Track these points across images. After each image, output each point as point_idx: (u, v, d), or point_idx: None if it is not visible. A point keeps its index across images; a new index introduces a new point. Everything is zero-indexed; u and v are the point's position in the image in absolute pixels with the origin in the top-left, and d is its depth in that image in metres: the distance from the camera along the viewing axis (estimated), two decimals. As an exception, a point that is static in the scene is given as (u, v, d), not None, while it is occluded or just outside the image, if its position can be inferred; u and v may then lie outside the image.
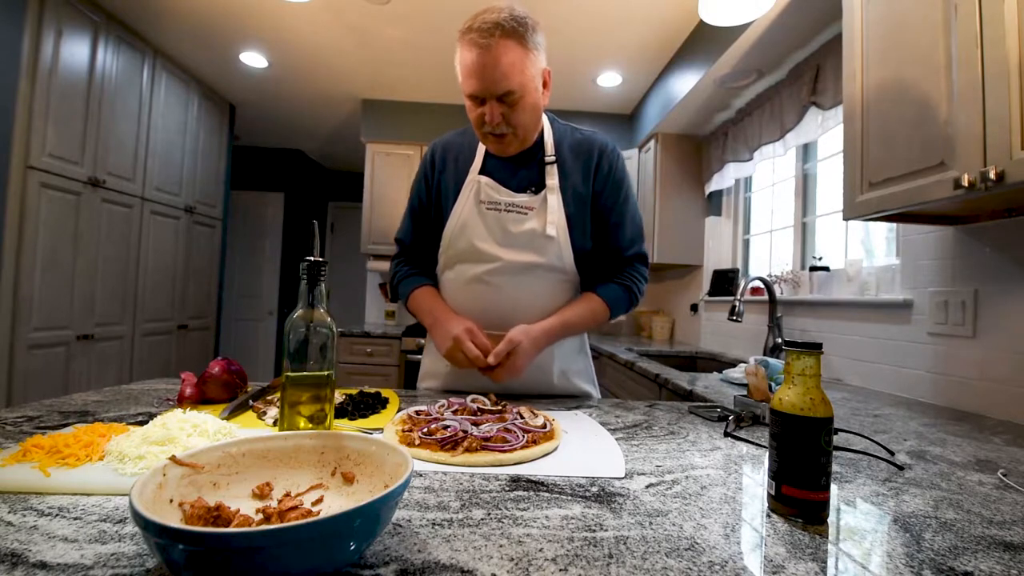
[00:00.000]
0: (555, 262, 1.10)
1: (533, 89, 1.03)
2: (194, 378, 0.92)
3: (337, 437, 0.53)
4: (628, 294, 1.15)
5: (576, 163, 1.13)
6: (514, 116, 1.02)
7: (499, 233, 1.10)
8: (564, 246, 1.10)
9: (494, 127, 1.02)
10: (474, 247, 1.10)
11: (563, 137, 1.15)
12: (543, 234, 1.08)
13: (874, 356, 1.60)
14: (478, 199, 1.11)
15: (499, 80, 0.97)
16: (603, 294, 1.13)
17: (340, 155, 5.25)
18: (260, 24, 2.74)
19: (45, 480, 0.52)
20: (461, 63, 1.00)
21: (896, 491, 0.62)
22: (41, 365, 2.35)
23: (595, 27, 2.65)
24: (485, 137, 1.07)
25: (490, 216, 1.10)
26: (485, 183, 1.11)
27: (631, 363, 2.17)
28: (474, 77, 0.98)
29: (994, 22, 0.89)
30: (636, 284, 1.16)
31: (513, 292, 1.10)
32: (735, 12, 1.74)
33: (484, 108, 1.01)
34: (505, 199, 1.10)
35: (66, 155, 2.41)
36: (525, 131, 1.07)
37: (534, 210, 1.09)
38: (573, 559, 0.42)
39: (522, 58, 0.98)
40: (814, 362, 0.54)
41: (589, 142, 1.15)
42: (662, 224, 3.10)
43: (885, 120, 1.15)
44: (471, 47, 0.97)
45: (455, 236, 1.12)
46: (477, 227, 1.10)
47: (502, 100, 1.00)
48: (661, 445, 0.77)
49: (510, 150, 1.09)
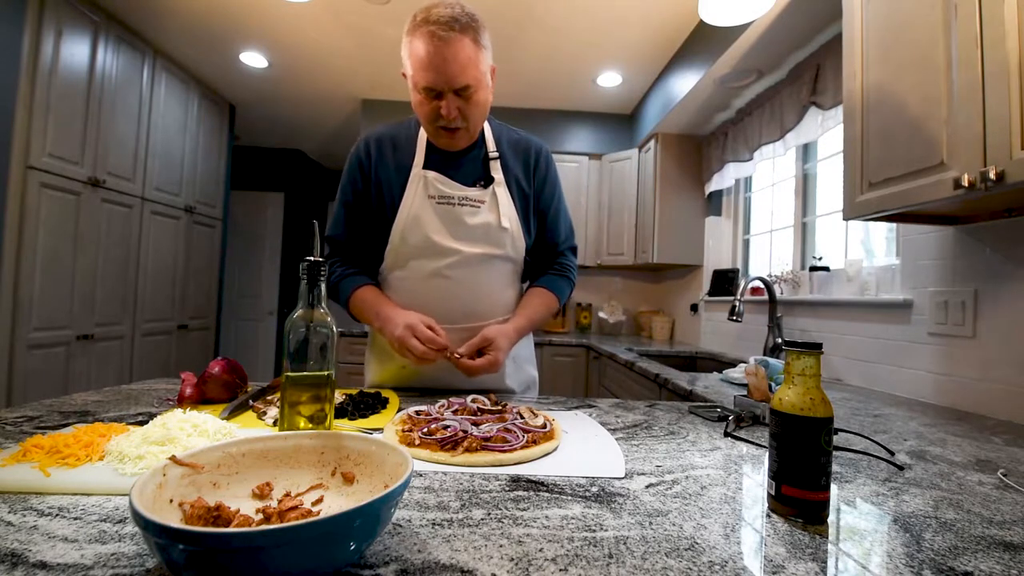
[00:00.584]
0: (510, 253, 1.15)
1: (485, 85, 1.04)
2: (194, 378, 0.92)
3: (337, 437, 0.53)
4: (568, 281, 1.25)
5: (516, 161, 1.17)
6: (468, 110, 1.03)
7: (454, 225, 1.10)
8: (517, 237, 1.15)
9: (450, 121, 1.02)
10: (430, 241, 1.09)
11: (500, 135, 1.18)
12: (498, 226, 1.11)
13: (874, 356, 1.60)
14: (427, 193, 1.10)
15: (458, 74, 0.97)
16: (549, 286, 1.22)
17: (340, 155, 5.25)
18: (260, 24, 2.74)
19: (45, 480, 0.52)
20: (415, 54, 0.99)
21: (896, 491, 0.62)
22: (41, 365, 2.35)
23: (595, 27, 2.65)
24: (437, 132, 1.06)
25: (442, 209, 1.10)
26: (433, 177, 1.10)
27: (631, 363, 2.17)
28: (432, 69, 0.97)
29: (994, 22, 0.89)
30: (571, 271, 1.26)
31: (473, 284, 1.12)
32: (735, 12, 1.74)
33: (440, 102, 1.01)
34: (457, 193, 1.10)
35: (66, 155, 2.41)
36: (476, 126, 1.08)
37: (485, 203, 1.12)
38: (573, 559, 0.42)
39: (477, 53, 0.99)
40: (814, 362, 0.54)
41: (526, 142, 1.20)
42: (662, 224, 3.10)
43: (885, 120, 1.15)
44: (429, 39, 0.96)
45: (408, 230, 1.10)
46: (431, 221, 1.09)
47: (459, 94, 1.00)
48: (661, 445, 0.77)
49: (461, 144, 1.10)
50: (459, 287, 1.11)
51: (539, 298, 1.19)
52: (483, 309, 1.13)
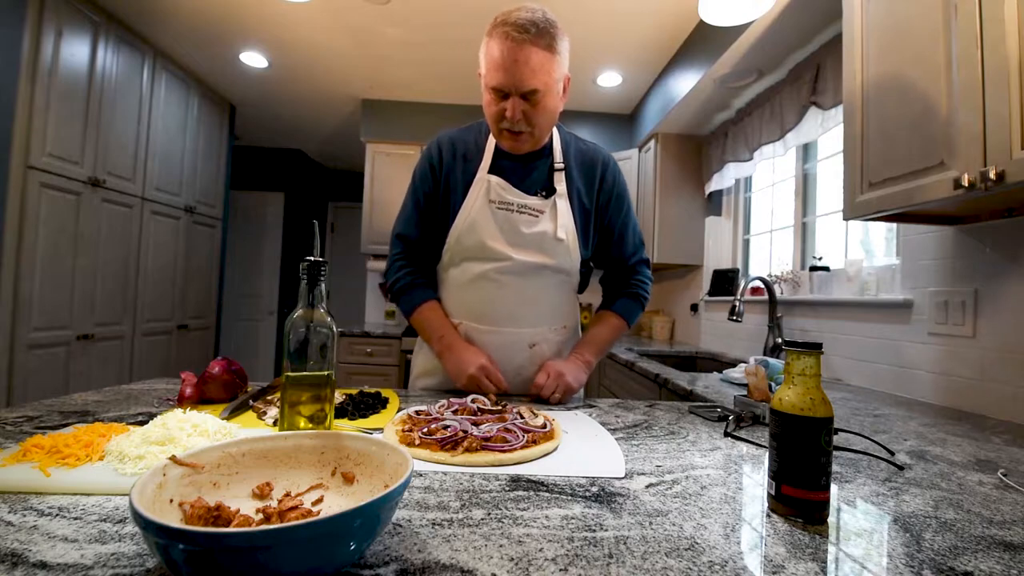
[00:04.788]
0: (563, 264, 1.14)
1: (555, 92, 1.04)
2: (194, 378, 0.92)
3: (337, 437, 0.53)
4: (639, 302, 1.23)
5: (581, 173, 1.16)
6: (534, 115, 1.03)
7: (510, 233, 1.11)
8: (573, 250, 1.14)
9: (513, 124, 1.02)
10: (484, 245, 1.11)
11: (568, 145, 1.18)
12: (554, 237, 1.11)
13: (874, 356, 1.59)
14: (488, 198, 1.11)
15: (527, 77, 0.98)
16: (620, 311, 1.22)
17: (340, 155, 5.25)
18: (260, 24, 2.74)
19: (45, 480, 0.52)
20: (489, 55, 1.00)
21: (896, 491, 0.62)
22: (41, 365, 2.35)
23: (595, 27, 2.65)
24: (500, 133, 1.07)
25: (501, 215, 1.11)
26: (495, 183, 1.11)
27: (631, 363, 2.17)
28: (503, 70, 0.98)
29: (994, 22, 0.88)
30: (643, 289, 1.24)
31: (519, 290, 1.13)
32: (735, 12, 1.74)
33: (506, 103, 1.01)
34: (517, 200, 1.11)
35: (66, 155, 2.41)
36: (541, 132, 1.08)
37: (544, 213, 1.12)
38: (573, 559, 0.42)
39: (550, 60, 1.00)
40: (814, 362, 0.54)
41: (593, 154, 1.19)
42: (662, 224, 3.10)
43: (885, 120, 1.15)
44: (504, 40, 0.97)
45: (464, 233, 1.12)
46: (488, 225, 1.11)
47: (526, 97, 1.00)
48: (661, 445, 0.77)
49: (524, 148, 1.10)
50: (506, 291, 1.12)
51: (607, 325, 1.21)
52: (528, 315, 1.14)
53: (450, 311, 1.17)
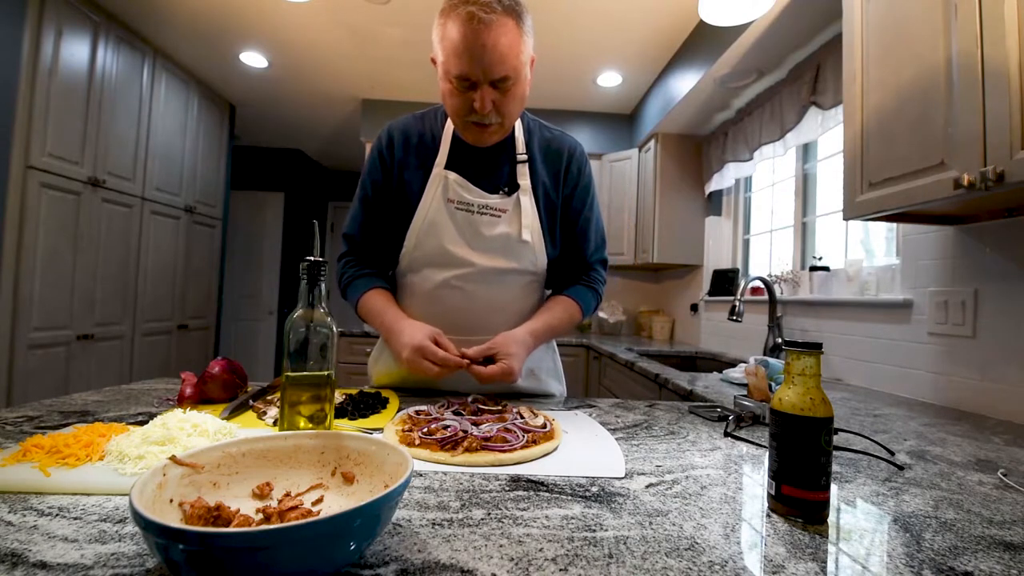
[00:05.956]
0: (528, 267, 1.06)
1: (524, 77, 0.93)
2: (194, 378, 0.92)
3: (337, 437, 0.53)
4: (595, 295, 1.15)
5: (546, 164, 1.08)
6: (505, 104, 0.92)
7: (471, 236, 1.03)
8: (539, 251, 1.06)
9: (483, 116, 0.92)
10: (445, 250, 1.02)
11: (532, 134, 1.09)
12: (518, 239, 1.03)
13: (874, 356, 1.59)
14: (446, 197, 1.02)
15: (496, 64, 0.86)
16: (575, 296, 1.12)
17: (340, 155, 5.25)
18: (260, 24, 2.74)
19: (45, 480, 0.52)
20: (448, 39, 0.87)
21: (896, 491, 0.62)
22: (41, 365, 2.35)
23: (595, 27, 2.65)
24: (466, 126, 0.96)
25: (460, 217, 1.02)
26: (454, 180, 1.02)
27: (631, 363, 2.17)
28: (467, 57, 0.85)
29: (994, 22, 0.88)
30: (599, 286, 1.16)
31: (484, 297, 1.05)
32: (735, 12, 1.74)
33: (473, 93, 0.90)
34: (477, 200, 1.02)
35: (66, 155, 2.41)
36: (511, 121, 0.97)
37: (507, 212, 1.03)
38: (573, 559, 0.42)
39: (519, 40, 0.88)
40: (814, 362, 0.54)
41: (559, 142, 1.10)
42: (662, 224, 3.11)
43: (885, 120, 1.15)
44: (467, 22, 0.84)
45: (422, 237, 1.03)
46: (447, 228, 1.02)
47: (495, 85, 0.90)
48: (661, 445, 0.77)
49: (491, 140, 1.00)
50: (468, 299, 1.04)
51: (562, 306, 1.09)
52: (496, 321, 1.04)
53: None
